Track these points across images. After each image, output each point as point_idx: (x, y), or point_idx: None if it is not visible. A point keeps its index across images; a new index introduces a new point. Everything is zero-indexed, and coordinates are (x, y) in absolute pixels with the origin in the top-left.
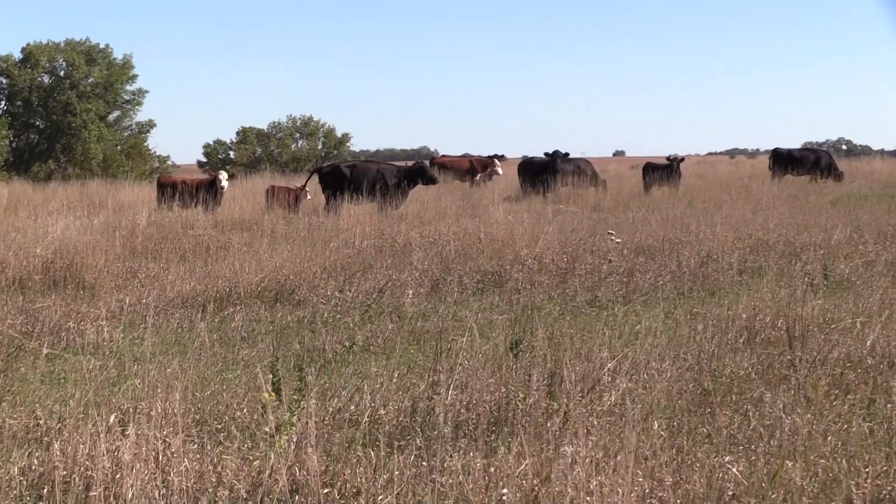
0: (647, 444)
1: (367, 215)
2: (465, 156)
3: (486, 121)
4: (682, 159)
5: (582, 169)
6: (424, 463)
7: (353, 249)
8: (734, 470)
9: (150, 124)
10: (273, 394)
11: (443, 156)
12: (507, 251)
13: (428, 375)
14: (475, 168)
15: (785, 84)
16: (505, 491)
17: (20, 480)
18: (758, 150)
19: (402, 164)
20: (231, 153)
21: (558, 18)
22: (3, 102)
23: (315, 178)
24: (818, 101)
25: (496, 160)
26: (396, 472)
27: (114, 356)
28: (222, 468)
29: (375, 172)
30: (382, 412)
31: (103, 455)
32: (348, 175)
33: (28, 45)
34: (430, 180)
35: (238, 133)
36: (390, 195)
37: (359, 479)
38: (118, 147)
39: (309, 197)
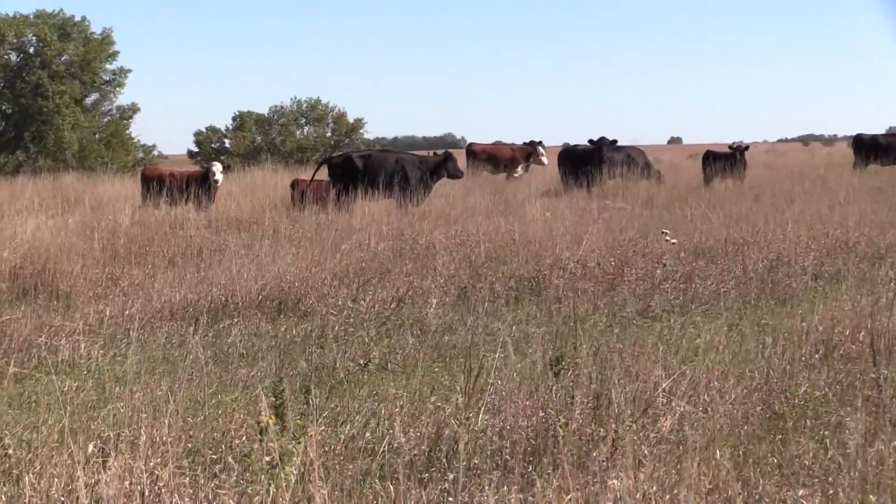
0: (708, 477)
1: (384, 213)
2: (497, 143)
3: (518, 105)
4: (748, 147)
5: (633, 158)
6: (451, 498)
7: (368, 252)
8: None
9: (134, 108)
10: (275, 418)
11: (473, 143)
12: (546, 254)
13: (455, 398)
14: (516, 157)
15: (865, 61)
16: None
17: None
18: (835, 136)
19: (424, 153)
20: (226, 142)
21: None
22: None
23: (324, 170)
24: None
25: (540, 147)
26: None
27: (92, 376)
28: None
29: (394, 163)
30: (402, 440)
31: (81, 490)
32: (362, 166)
33: None
34: (453, 173)
35: (234, 118)
36: (411, 189)
37: None
38: (96, 135)
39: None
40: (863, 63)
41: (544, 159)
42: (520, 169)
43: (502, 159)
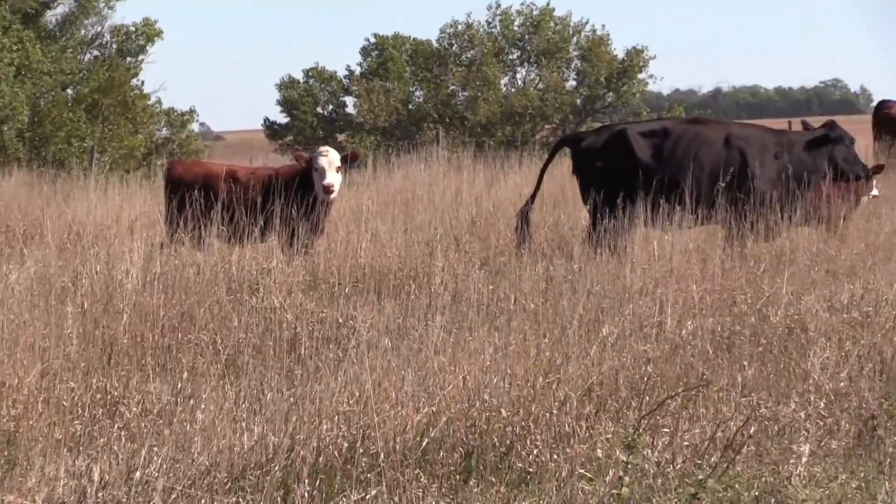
0: None
1: (694, 253)
2: None
3: None
4: None
5: None
6: None
7: (661, 342)
8: None
9: (149, 32)
10: None
11: (893, 102)
12: None
13: None
14: None
15: None
16: None
17: None
18: None
19: (779, 125)
20: (347, 102)
21: None
22: None
23: (554, 162)
24: None
25: None
26: None
27: None
28: None
29: (720, 146)
30: None
31: None
32: (648, 154)
33: None
34: (846, 167)
35: (366, 52)
36: (757, 200)
37: None
38: (68, 90)
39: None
40: None
41: None
42: None
43: None
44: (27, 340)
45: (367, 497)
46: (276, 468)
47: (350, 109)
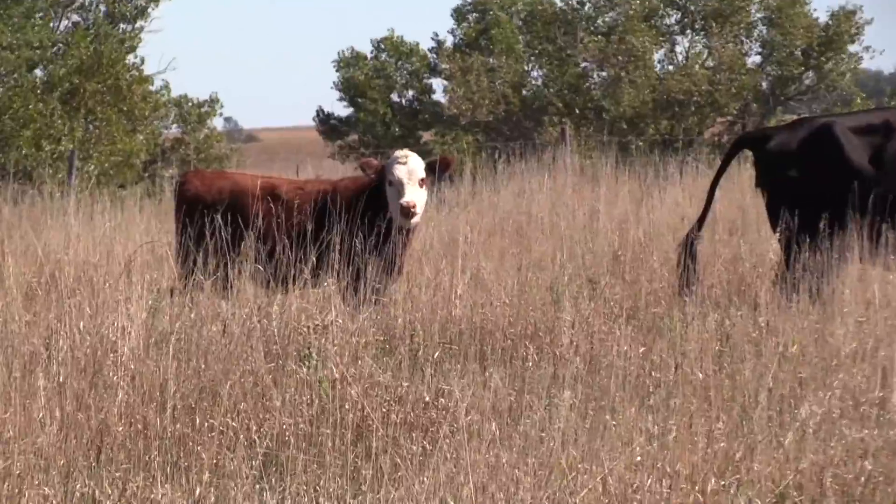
0: None
1: None
2: None
3: None
4: None
5: None
6: None
7: (884, 427)
8: None
9: None
10: None
11: None
12: None
13: None
14: None
15: None
16: None
17: None
18: None
19: None
20: (435, 85)
21: None
22: None
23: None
24: None
25: None
26: None
27: None
28: None
29: None
30: None
31: None
32: (864, 158)
33: None
34: None
35: (461, 14)
36: None
37: None
38: (38, 73)
39: None
40: None
41: None
42: None
43: None
44: None
45: None
46: None
47: (439, 96)
